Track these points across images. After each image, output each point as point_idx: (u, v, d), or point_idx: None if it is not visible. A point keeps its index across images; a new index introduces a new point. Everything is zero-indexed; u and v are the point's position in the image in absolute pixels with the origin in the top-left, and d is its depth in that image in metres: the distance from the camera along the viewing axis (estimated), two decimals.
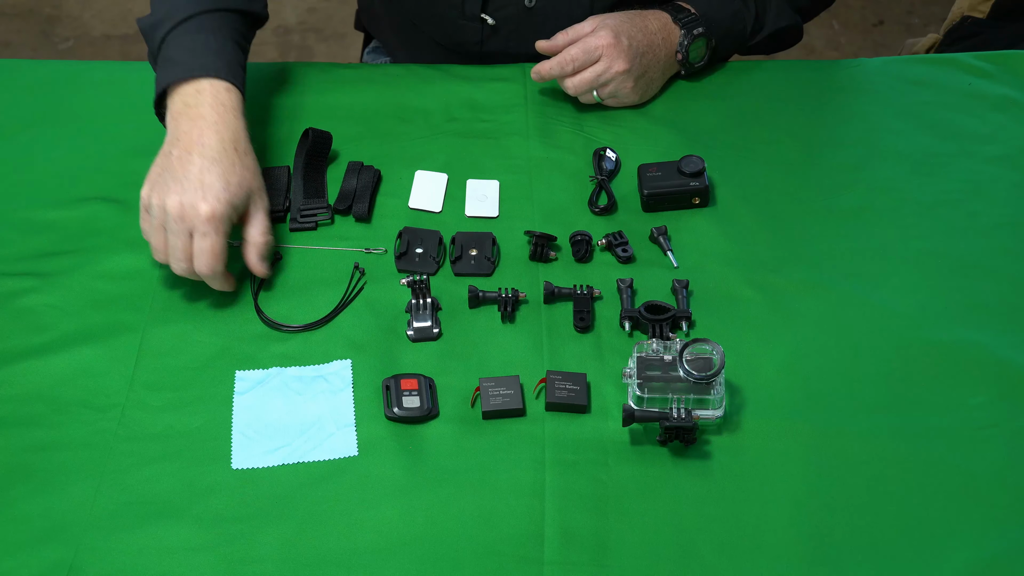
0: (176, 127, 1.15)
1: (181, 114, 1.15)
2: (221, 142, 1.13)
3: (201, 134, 1.13)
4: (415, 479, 1.02)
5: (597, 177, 1.27)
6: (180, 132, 1.14)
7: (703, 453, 1.05)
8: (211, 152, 1.12)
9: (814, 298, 1.17)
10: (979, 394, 1.09)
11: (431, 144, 1.32)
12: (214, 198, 1.10)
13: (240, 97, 1.18)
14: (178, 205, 1.09)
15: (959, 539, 0.99)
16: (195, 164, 1.11)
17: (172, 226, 1.10)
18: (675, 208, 1.25)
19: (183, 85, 1.16)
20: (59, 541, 0.98)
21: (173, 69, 1.17)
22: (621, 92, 1.32)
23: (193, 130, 1.13)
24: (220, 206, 1.10)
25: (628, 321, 1.14)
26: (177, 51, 1.18)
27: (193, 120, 1.14)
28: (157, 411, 1.07)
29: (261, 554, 0.97)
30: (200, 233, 1.10)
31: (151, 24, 1.21)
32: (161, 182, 1.11)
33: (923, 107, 1.39)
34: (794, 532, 0.99)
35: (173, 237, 1.10)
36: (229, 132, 1.14)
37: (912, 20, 2.91)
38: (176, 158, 1.12)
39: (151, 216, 1.12)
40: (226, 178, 1.12)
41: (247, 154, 1.16)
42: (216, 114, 1.14)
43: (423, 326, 1.13)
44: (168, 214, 1.10)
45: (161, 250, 1.12)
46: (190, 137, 1.13)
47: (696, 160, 1.25)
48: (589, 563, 0.97)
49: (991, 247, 1.23)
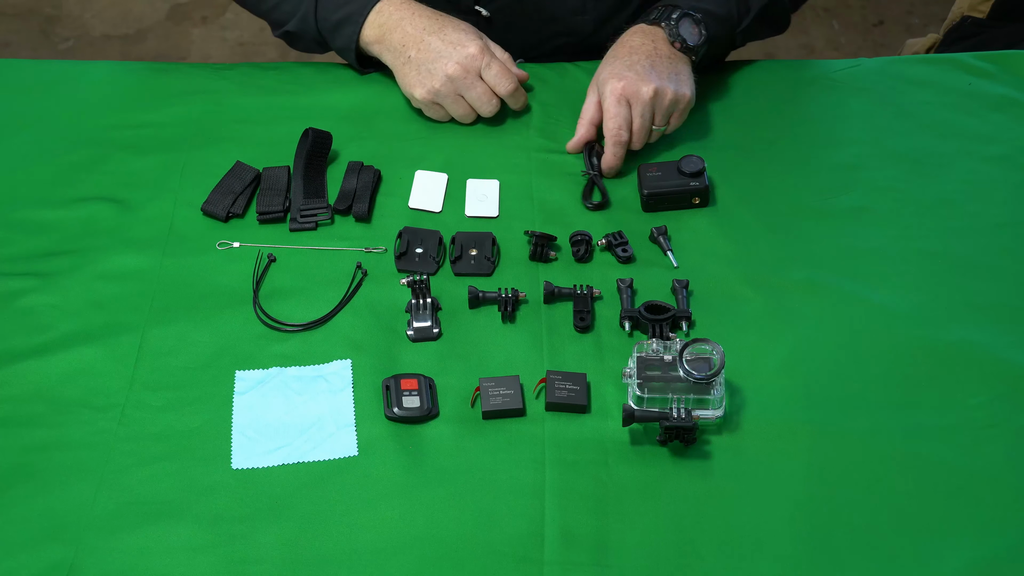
0: (390, 44, 1.31)
1: (384, 36, 1.31)
2: (431, 18, 1.31)
3: (414, 27, 1.30)
4: (415, 479, 1.02)
5: (588, 173, 1.27)
6: (397, 42, 1.30)
7: (703, 453, 1.05)
8: (434, 26, 1.30)
9: (814, 298, 1.17)
10: (979, 394, 1.09)
11: (431, 144, 1.32)
12: (470, 41, 1.28)
13: None
14: (455, 66, 1.27)
15: (959, 539, 0.99)
16: (433, 42, 1.28)
17: (462, 84, 1.28)
18: (675, 208, 1.25)
19: (364, 28, 1.32)
20: (59, 541, 0.98)
21: (348, 22, 1.32)
22: (673, 105, 1.27)
23: (405, 30, 1.30)
24: (478, 40, 1.29)
25: (628, 321, 1.14)
26: (336, 13, 1.32)
27: (395, 28, 1.30)
28: (157, 411, 1.07)
29: (261, 554, 0.97)
30: (484, 66, 1.28)
31: (299, 17, 1.34)
32: (425, 73, 1.28)
33: (923, 107, 1.39)
34: (794, 532, 0.99)
35: (469, 91, 1.29)
36: (426, 12, 1.31)
37: (912, 20, 2.90)
38: (416, 54, 1.29)
39: (443, 97, 1.29)
40: (459, 27, 1.30)
41: (448, 15, 1.33)
42: (404, 10, 1.31)
43: (423, 326, 1.13)
44: (454, 78, 1.28)
45: (468, 112, 1.31)
46: (409, 34, 1.30)
47: (696, 160, 1.25)
48: (589, 563, 0.97)
49: (991, 247, 1.23)
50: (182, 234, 1.22)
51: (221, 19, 2.93)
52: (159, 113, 1.36)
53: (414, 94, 1.31)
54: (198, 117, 1.35)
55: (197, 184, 1.26)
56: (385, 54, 1.32)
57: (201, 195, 1.25)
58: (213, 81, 1.40)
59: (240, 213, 1.24)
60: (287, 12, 1.36)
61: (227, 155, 1.29)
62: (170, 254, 1.20)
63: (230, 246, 1.21)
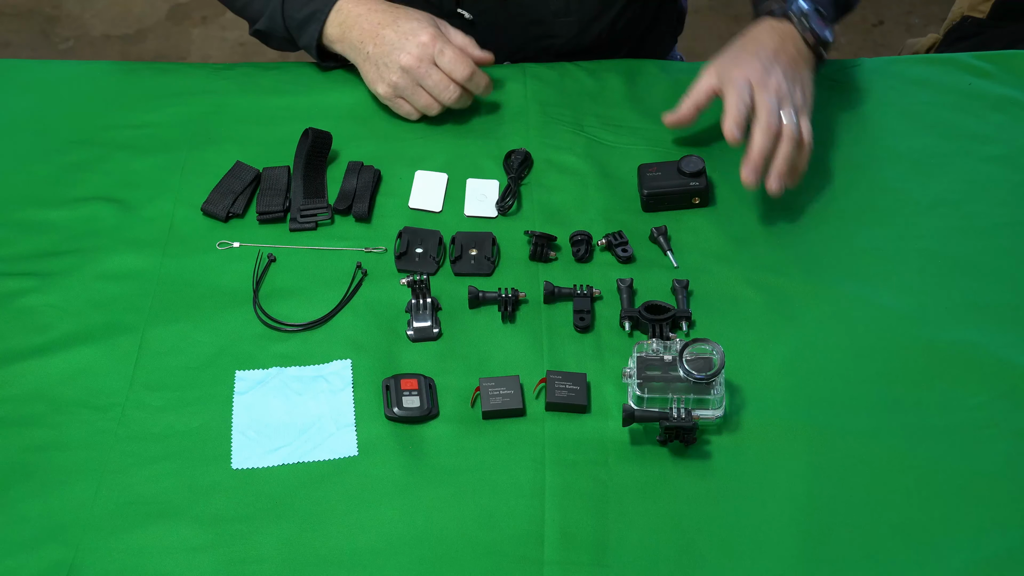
0: (350, 42, 1.31)
1: (343, 34, 1.31)
2: (385, 11, 1.30)
3: (370, 22, 1.29)
4: (415, 479, 1.02)
5: (509, 175, 1.26)
6: (356, 39, 1.30)
7: (703, 453, 1.05)
8: (388, 18, 1.29)
9: (814, 298, 1.17)
10: (979, 394, 1.09)
11: (431, 144, 1.32)
12: (422, 29, 1.27)
13: None
14: (408, 57, 1.26)
15: (959, 539, 0.99)
16: (388, 35, 1.28)
17: (418, 74, 1.27)
18: (675, 208, 1.25)
19: (326, 27, 1.31)
20: (59, 541, 0.98)
21: (312, 20, 1.32)
22: (800, 100, 1.22)
23: (362, 27, 1.29)
24: (431, 27, 1.28)
25: (628, 321, 1.14)
26: (301, 11, 1.32)
27: (354, 25, 1.30)
28: (157, 411, 1.07)
29: (261, 554, 0.97)
30: (438, 52, 1.26)
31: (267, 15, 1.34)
32: (383, 67, 1.28)
33: (923, 107, 1.39)
34: (794, 532, 0.99)
35: (427, 79, 1.27)
36: (381, 5, 1.31)
37: (912, 20, 2.90)
38: (373, 49, 1.29)
39: (402, 90, 1.28)
40: (412, 16, 1.29)
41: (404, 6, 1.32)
42: (363, 7, 1.30)
43: (423, 326, 1.13)
44: (409, 69, 1.26)
45: (430, 102, 1.29)
46: (365, 30, 1.29)
47: (696, 160, 1.24)
48: (589, 563, 0.97)
49: (991, 247, 1.23)
50: (182, 234, 1.22)
51: (221, 19, 2.93)
52: (159, 113, 1.36)
53: (377, 90, 1.31)
54: (198, 117, 1.35)
55: (197, 184, 1.26)
56: (348, 52, 1.32)
57: (201, 195, 1.25)
58: (213, 81, 1.40)
59: (240, 213, 1.24)
60: (257, 10, 1.36)
61: (227, 155, 1.29)
62: (170, 254, 1.20)
63: (230, 246, 1.21)
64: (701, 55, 1.43)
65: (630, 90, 1.39)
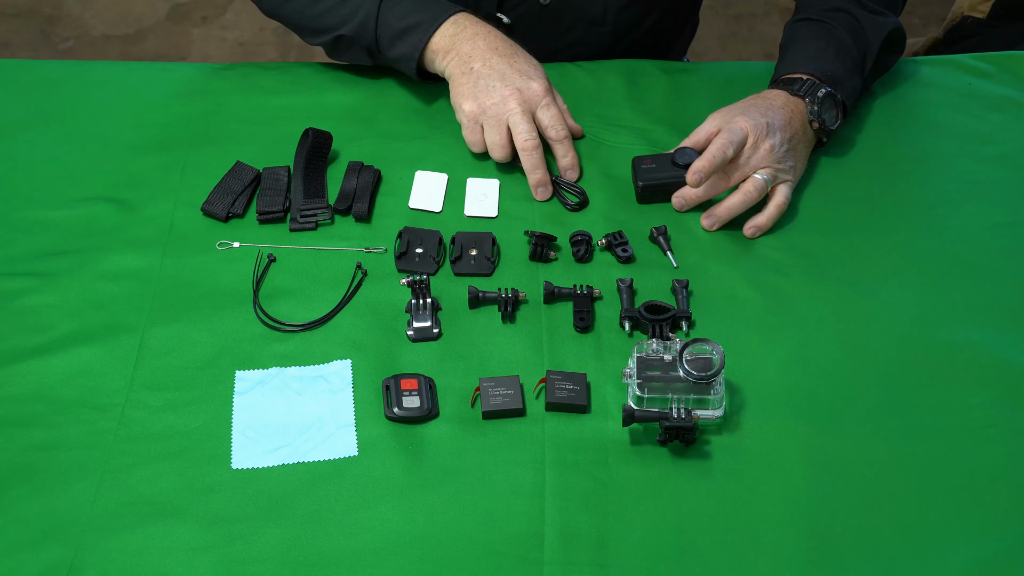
0: (457, 53, 1.26)
1: (452, 45, 1.26)
2: (506, 42, 1.27)
3: (487, 44, 1.25)
4: (415, 479, 1.02)
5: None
6: (465, 52, 1.25)
7: (703, 453, 1.05)
8: (507, 50, 1.26)
9: (814, 298, 1.17)
10: (979, 394, 1.09)
11: (431, 144, 1.32)
12: (539, 75, 1.25)
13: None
14: (513, 91, 1.22)
15: (959, 539, 0.99)
16: (501, 64, 1.24)
17: (516, 114, 1.22)
18: (670, 200, 1.25)
19: (434, 36, 1.27)
20: (59, 541, 0.98)
21: (416, 30, 1.27)
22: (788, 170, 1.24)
23: (477, 44, 1.25)
24: (545, 80, 1.25)
25: (628, 321, 1.14)
26: (403, 20, 1.28)
27: (468, 40, 1.26)
28: (157, 411, 1.07)
29: (261, 554, 0.97)
30: (543, 106, 1.23)
31: (358, 21, 1.29)
32: (482, 88, 1.23)
33: (923, 107, 1.39)
34: (794, 532, 0.99)
35: (520, 124, 1.22)
36: (502, 36, 1.28)
37: (912, 20, 2.90)
38: (480, 67, 1.24)
39: (488, 119, 1.23)
40: (531, 61, 1.27)
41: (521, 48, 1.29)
42: (480, 27, 1.27)
43: (423, 326, 1.13)
44: (508, 106, 1.22)
45: (504, 144, 1.24)
46: (479, 50, 1.25)
47: (690, 152, 1.25)
48: (589, 563, 0.97)
49: (991, 247, 1.23)
50: (182, 234, 1.22)
51: (221, 19, 2.93)
52: (159, 113, 1.36)
53: (463, 106, 1.25)
54: (198, 117, 1.35)
55: (197, 184, 1.26)
56: (449, 62, 1.27)
57: (201, 195, 1.25)
58: (213, 81, 1.40)
59: (240, 213, 1.24)
60: (343, 16, 1.31)
61: (227, 155, 1.29)
62: (170, 254, 1.20)
63: (230, 246, 1.21)
64: (701, 55, 1.44)
65: (630, 90, 1.39)
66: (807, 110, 1.26)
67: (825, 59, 1.29)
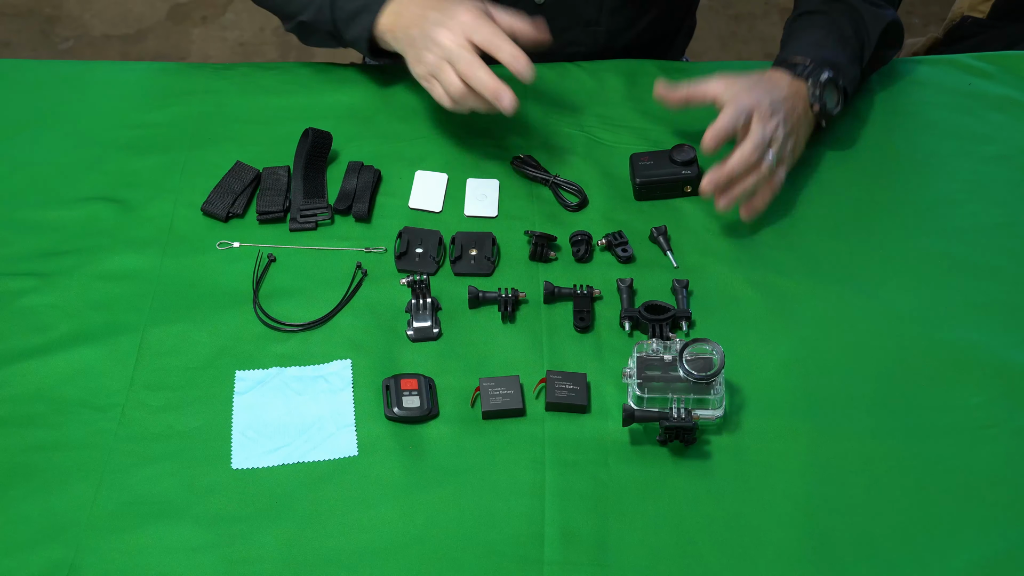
0: (402, 26, 1.25)
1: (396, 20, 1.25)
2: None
3: (420, 6, 1.23)
4: (415, 479, 1.02)
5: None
6: (406, 23, 1.24)
7: (703, 453, 1.05)
8: (436, 2, 1.22)
9: (814, 298, 1.17)
10: (979, 394, 1.09)
11: (431, 144, 1.32)
12: (464, 9, 1.19)
13: None
14: (445, 32, 1.19)
15: (959, 539, 0.99)
16: (431, 14, 1.21)
17: (453, 51, 1.18)
18: (667, 197, 1.26)
19: (380, 16, 1.26)
20: (59, 541, 0.98)
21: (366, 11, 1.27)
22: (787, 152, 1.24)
23: (414, 11, 1.24)
24: (474, 8, 1.20)
25: (628, 321, 1.14)
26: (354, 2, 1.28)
27: (406, 11, 1.25)
28: (157, 411, 1.07)
29: (261, 554, 0.97)
30: (475, 29, 1.18)
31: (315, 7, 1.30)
32: (423, 44, 1.21)
33: (923, 107, 1.39)
34: (794, 532, 0.99)
35: (460, 61, 1.18)
36: None
37: (912, 20, 2.90)
38: (417, 32, 1.21)
39: (436, 70, 1.20)
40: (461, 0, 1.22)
41: None
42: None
43: (423, 326, 1.13)
44: (443, 46, 1.18)
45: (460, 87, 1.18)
46: (415, 14, 1.23)
47: (688, 149, 1.25)
48: (589, 563, 0.97)
49: (991, 247, 1.23)
50: (182, 234, 1.22)
51: (221, 19, 2.93)
52: (159, 113, 1.36)
53: (415, 71, 1.24)
54: (198, 117, 1.35)
55: (197, 184, 1.26)
56: (398, 40, 1.26)
57: (201, 195, 1.25)
58: (213, 81, 1.40)
59: (240, 213, 1.24)
60: (301, 4, 1.33)
61: (227, 155, 1.29)
62: (170, 254, 1.20)
63: (230, 246, 1.21)
64: (701, 55, 1.44)
65: (630, 90, 1.39)
66: (808, 93, 1.27)
67: (827, 46, 1.30)
